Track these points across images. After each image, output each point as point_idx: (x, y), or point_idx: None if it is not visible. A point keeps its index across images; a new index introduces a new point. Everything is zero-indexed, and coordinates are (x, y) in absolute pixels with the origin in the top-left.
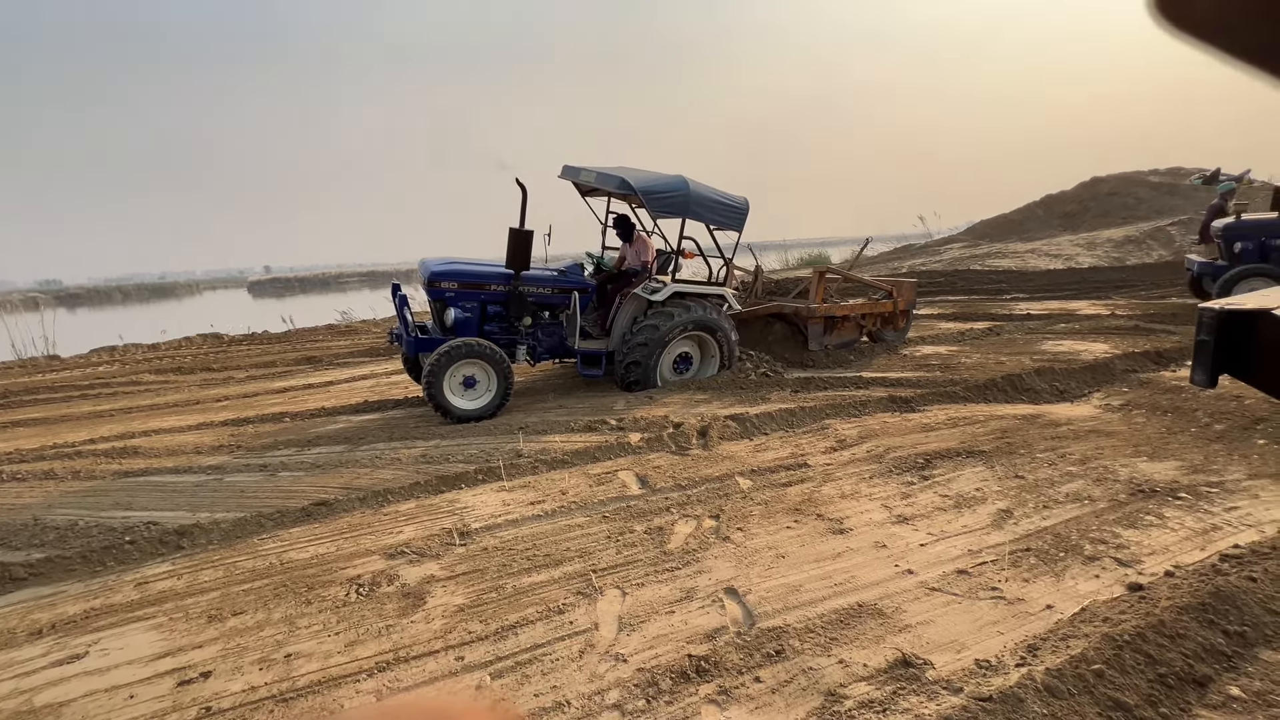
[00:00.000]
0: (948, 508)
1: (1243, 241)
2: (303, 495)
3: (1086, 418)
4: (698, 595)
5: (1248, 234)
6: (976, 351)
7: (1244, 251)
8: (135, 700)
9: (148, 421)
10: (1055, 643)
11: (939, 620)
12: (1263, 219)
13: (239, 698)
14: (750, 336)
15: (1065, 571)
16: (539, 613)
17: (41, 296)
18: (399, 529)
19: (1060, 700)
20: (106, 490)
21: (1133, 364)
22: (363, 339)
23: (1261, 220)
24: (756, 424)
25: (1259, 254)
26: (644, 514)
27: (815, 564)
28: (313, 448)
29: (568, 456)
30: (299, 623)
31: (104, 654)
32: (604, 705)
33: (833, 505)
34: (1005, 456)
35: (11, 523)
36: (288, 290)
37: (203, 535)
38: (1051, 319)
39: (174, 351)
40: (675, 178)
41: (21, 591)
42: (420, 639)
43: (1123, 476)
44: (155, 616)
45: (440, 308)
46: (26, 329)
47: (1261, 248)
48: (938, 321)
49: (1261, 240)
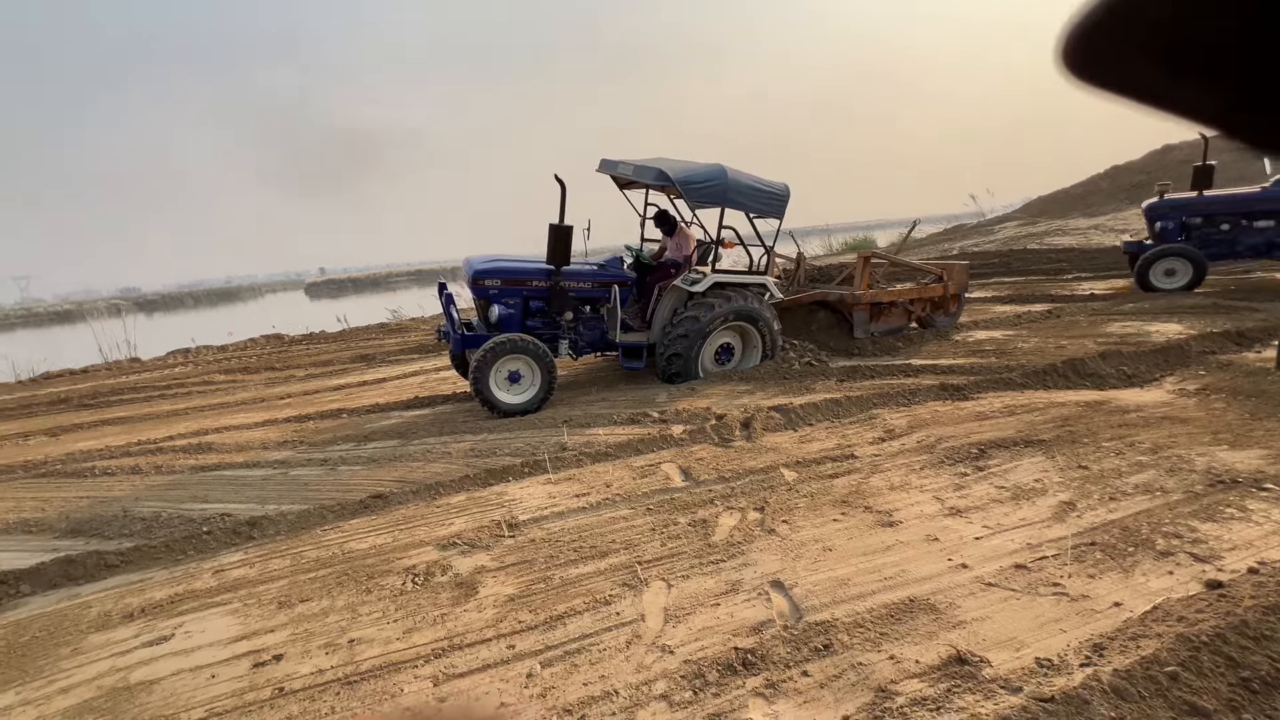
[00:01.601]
0: (1004, 499)
1: (1163, 221)
2: (361, 488)
3: (1158, 403)
4: (743, 588)
5: (1168, 213)
6: (1034, 335)
7: (1164, 231)
8: (216, 680)
9: (219, 419)
10: (1124, 642)
11: (996, 616)
12: (1182, 198)
13: (308, 679)
14: (793, 325)
15: (1135, 567)
16: (586, 603)
17: (123, 303)
18: (450, 521)
19: (1129, 703)
20: (185, 484)
21: (1210, 345)
22: (412, 336)
23: (1181, 199)
24: (801, 415)
25: (1179, 233)
26: (688, 506)
27: (864, 557)
28: (369, 443)
29: (611, 449)
30: (360, 610)
31: (188, 636)
32: (651, 696)
33: (881, 497)
34: (1067, 446)
35: (104, 514)
36: (341, 291)
37: (271, 526)
38: (1118, 299)
39: (240, 352)
40: (713, 166)
41: (115, 577)
42: (473, 627)
43: (1199, 466)
44: (231, 602)
45: (484, 305)
46: (111, 334)
47: (1182, 226)
48: (992, 305)
49: (1182, 219)
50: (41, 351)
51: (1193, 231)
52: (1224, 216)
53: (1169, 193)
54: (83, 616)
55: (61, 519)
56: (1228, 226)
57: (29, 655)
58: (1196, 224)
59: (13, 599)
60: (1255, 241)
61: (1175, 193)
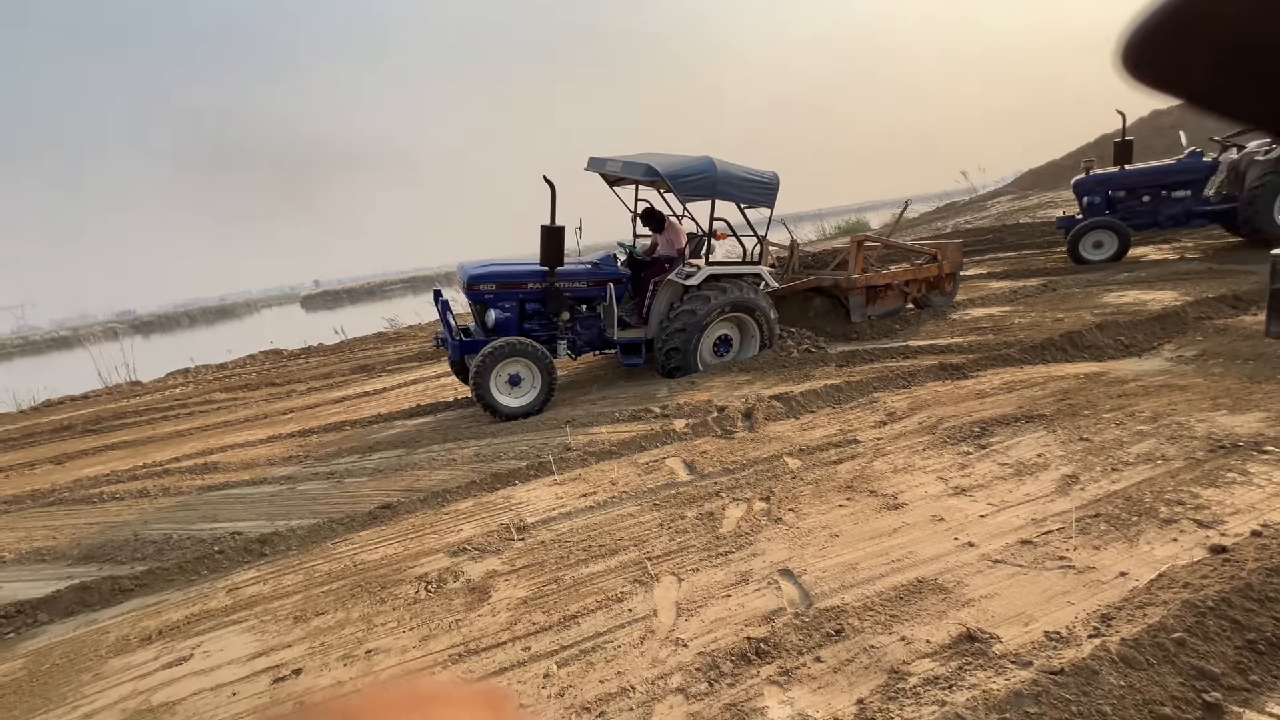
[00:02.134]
0: (1008, 476)
1: (1090, 196)
2: (368, 500)
3: (1156, 372)
4: (753, 578)
5: (1094, 189)
6: (1031, 310)
7: (1091, 205)
8: (238, 697)
9: (223, 438)
10: (1131, 611)
11: (1004, 593)
12: (1106, 173)
13: (328, 692)
14: (790, 313)
15: (1139, 536)
16: (598, 602)
17: (119, 326)
18: (459, 527)
19: (1138, 671)
20: (194, 504)
21: (1207, 310)
22: (410, 344)
23: (1105, 174)
24: (802, 402)
25: (1105, 206)
26: (694, 500)
27: (871, 541)
28: (373, 453)
29: (615, 447)
30: (375, 620)
31: (206, 655)
32: (668, 689)
33: (886, 481)
34: (1068, 419)
35: (115, 539)
36: (337, 302)
37: (282, 542)
38: (1112, 269)
39: (240, 370)
40: (701, 159)
41: (130, 601)
42: (488, 631)
43: (1200, 432)
44: (247, 619)
45: (481, 310)
46: (109, 357)
47: (1108, 200)
48: (987, 281)
49: (1107, 193)
50: (41, 379)
51: (1118, 205)
52: (1145, 189)
53: (1094, 169)
54: (101, 642)
55: (73, 546)
56: (1149, 198)
57: (51, 683)
58: (1121, 197)
59: (31, 628)
60: (1174, 211)
61: (1100, 168)
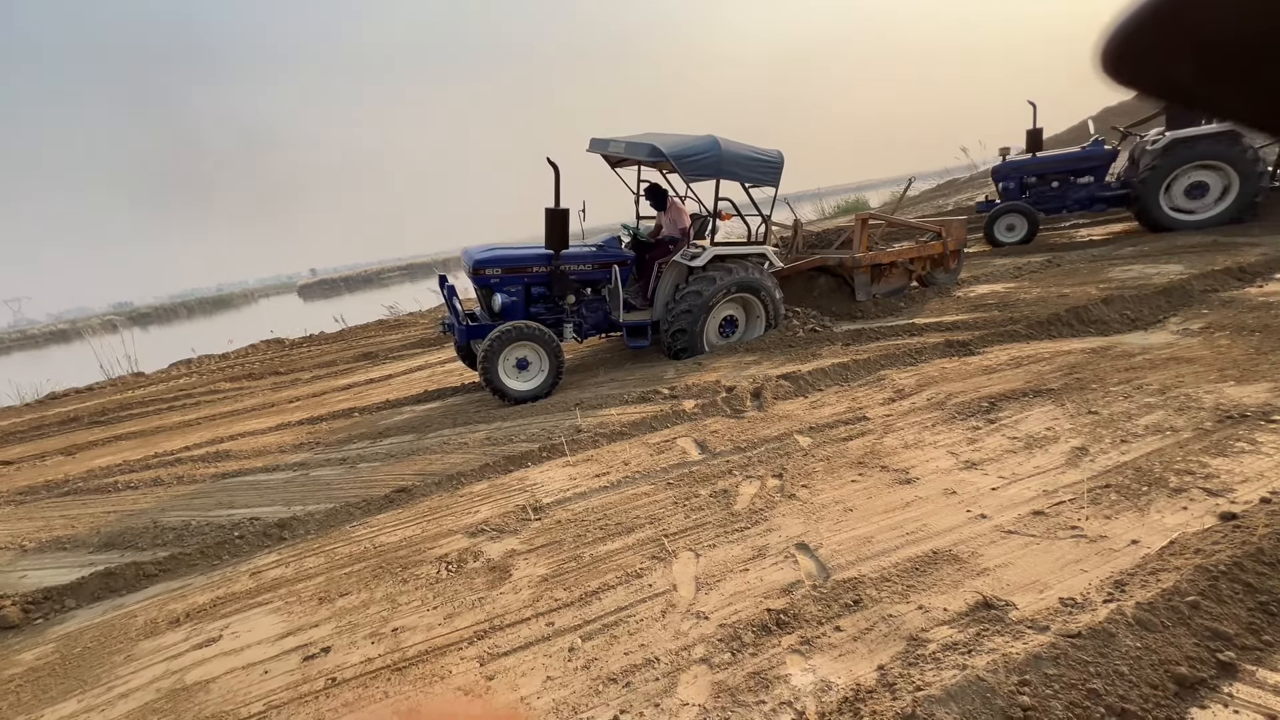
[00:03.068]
0: (1018, 450)
1: (1005, 181)
2: (383, 484)
3: (1163, 345)
4: (769, 552)
5: (1010, 174)
6: (1036, 285)
7: (1006, 190)
8: (270, 675)
9: (232, 426)
10: (1144, 577)
11: (1018, 562)
12: (1020, 160)
13: (358, 669)
14: (795, 293)
15: (1150, 506)
16: (618, 578)
17: (117, 318)
18: (476, 509)
19: (1154, 633)
20: (209, 492)
21: (1212, 283)
22: (412, 331)
23: (1019, 161)
24: (810, 381)
25: (1019, 191)
26: (707, 478)
27: (884, 515)
28: (384, 439)
29: (625, 428)
30: (399, 599)
31: (235, 636)
32: (691, 660)
33: (896, 456)
34: (1076, 393)
35: (134, 527)
36: (334, 291)
37: (300, 526)
38: (1117, 242)
39: (242, 359)
40: (705, 138)
41: (155, 586)
42: (511, 608)
43: (1208, 403)
44: (272, 601)
45: (486, 294)
46: (110, 350)
47: (1022, 185)
48: (991, 258)
49: (1021, 179)
50: (42, 372)
51: (1030, 190)
52: (1054, 175)
53: (1010, 155)
54: (130, 625)
55: (93, 534)
56: (1057, 184)
57: (84, 665)
58: (1033, 183)
59: (59, 613)
60: (1080, 195)
61: (1015, 156)
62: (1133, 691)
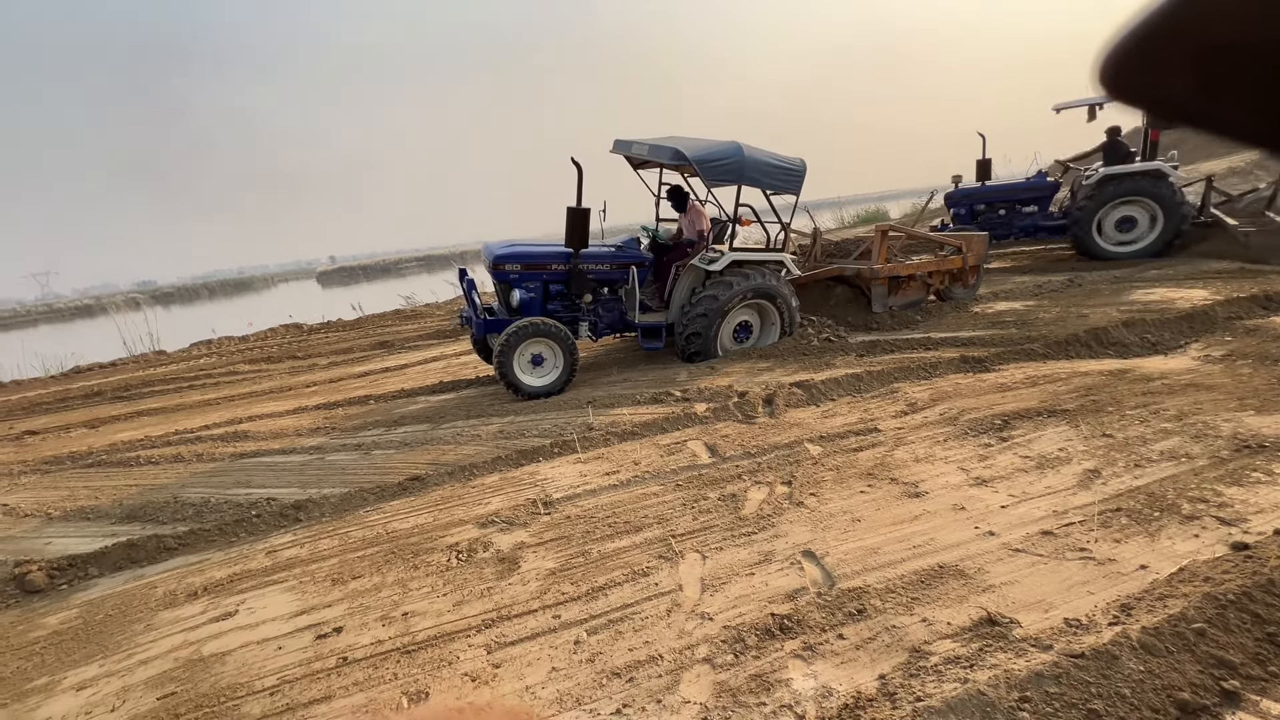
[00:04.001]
0: (1029, 469)
1: (956, 207)
2: (396, 471)
3: (1183, 371)
4: (776, 558)
5: (960, 200)
6: (1055, 305)
7: (957, 215)
8: (283, 651)
9: (250, 408)
10: (1151, 602)
11: (1024, 581)
12: (970, 188)
13: (369, 649)
14: (811, 301)
15: (1160, 531)
16: (625, 575)
17: (141, 296)
18: (487, 500)
19: (1158, 658)
20: (227, 470)
21: (1237, 310)
22: (428, 322)
23: (969, 189)
24: (822, 390)
25: (969, 218)
26: (716, 481)
27: (892, 527)
28: (399, 427)
29: (637, 428)
30: (410, 585)
31: (251, 612)
32: (695, 659)
33: (907, 469)
34: (1091, 415)
35: (156, 500)
36: (352, 279)
37: (315, 509)
38: (1140, 265)
39: (261, 342)
40: (729, 144)
41: (175, 559)
42: (519, 599)
43: (1225, 432)
44: (287, 580)
45: (505, 289)
46: (133, 327)
47: (972, 212)
48: (1011, 275)
49: (970, 205)
50: (67, 346)
51: (979, 216)
52: (1001, 203)
53: (961, 183)
54: (150, 595)
55: (115, 506)
56: (1004, 211)
57: (106, 631)
58: (982, 210)
59: (83, 580)
60: (1024, 224)
61: (966, 184)
62: (1133, 714)
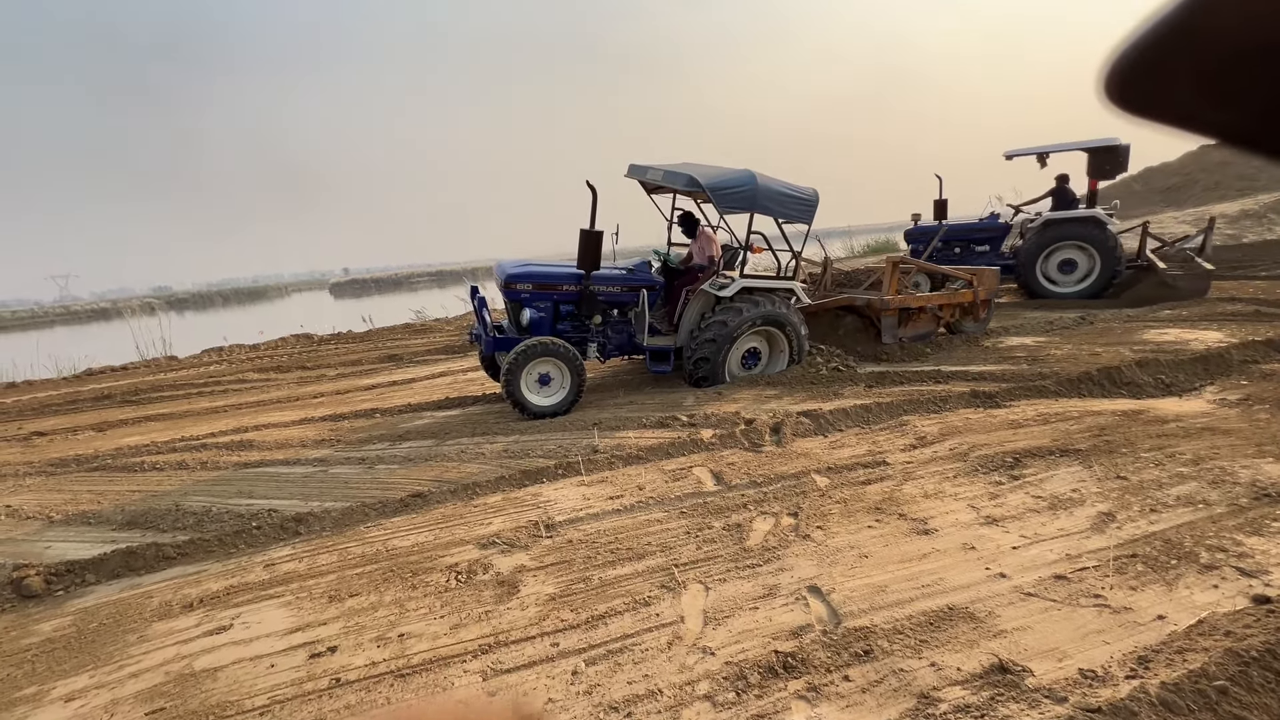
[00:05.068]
0: (1041, 509)
1: (914, 244)
2: (399, 487)
3: (1198, 414)
4: (781, 592)
5: (919, 238)
6: (1067, 342)
7: (915, 252)
8: (276, 669)
9: (257, 417)
10: (1170, 655)
11: (1037, 626)
12: (928, 226)
13: (362, 671)
14: (820, 330)
15: (1178, 580)
16: (626, 604)
17: (156, 301)
18: (488, 520)
19: (1178, 716)
20: (230, 479)
21: (1252, 353)
22: (437, 337)
23: (927, 227)
24: (830, 420)
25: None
26: (721, 510)
27: (900, 565)
28: (403, 442)
29: (642, 452)
30: (408, 605)
31: (245, 627)
32: (695, 696)
33: (915, 505)
34: (1104, 455)
35: (157, 508)
36: (364, 291)
37: (316, 522)
38: (1154, 304)
39: (272, 351)
40: (743, 172)
41: (173, 569)
42: (518, 625)
43: (1244, 479)
44: (284, 595)
45: (516, 308)
46: (147, 331)
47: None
48: (1022, 310)
49: (927, 243)
50: (81, 349)
51: (936, 254)
52: (956, 242)
53: (920, 221)
54: (146, 605)
55: (117, 512)
56: (959, 250)
57: (99, 641)
58: (939, 247)
59: (79, 587)
60: (978, 262)
61: (924, 222)
62: None
